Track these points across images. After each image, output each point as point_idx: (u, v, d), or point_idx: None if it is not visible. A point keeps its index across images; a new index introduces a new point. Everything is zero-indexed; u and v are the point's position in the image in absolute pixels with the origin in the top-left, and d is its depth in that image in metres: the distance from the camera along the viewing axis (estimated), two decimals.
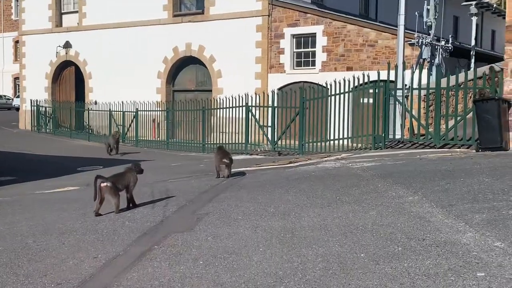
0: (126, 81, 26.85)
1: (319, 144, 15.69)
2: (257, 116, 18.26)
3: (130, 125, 23.39)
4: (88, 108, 26.52)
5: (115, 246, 5.43)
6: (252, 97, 18.09)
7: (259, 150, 17.67)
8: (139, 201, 7.69)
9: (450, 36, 21.19)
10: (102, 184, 6.93)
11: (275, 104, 17.48)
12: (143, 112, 22.78)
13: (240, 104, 18.28)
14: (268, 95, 17.95)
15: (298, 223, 5.59)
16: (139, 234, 5.81)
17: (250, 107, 18.01)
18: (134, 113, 22.92)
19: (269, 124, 17.73)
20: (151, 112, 22.77)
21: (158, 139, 23.60)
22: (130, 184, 7.17)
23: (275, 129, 17.40)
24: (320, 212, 5.99)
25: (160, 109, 22.52)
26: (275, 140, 17.33)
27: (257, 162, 13.40)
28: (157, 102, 23.40)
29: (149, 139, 23.01)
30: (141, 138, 22.86)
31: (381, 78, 14.15)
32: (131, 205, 7.26)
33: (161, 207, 7.18)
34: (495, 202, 5.54)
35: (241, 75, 23.74)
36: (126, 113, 23.44)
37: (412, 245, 4.45)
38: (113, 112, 24.16)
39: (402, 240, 4.62)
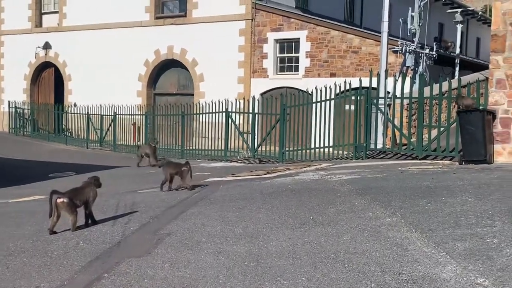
0: (106, 84, 26.24)
1: (300, 152, 15.26)
2: (239, 122, 17.79)
3: (108, 129, 22.79)
4: (66, 111, 25.86)
5: (62, 272, 4.91)
6: (232, 103, 17.61)
7: (238, 158, 17.20)
8: (101, 216, 7.19)
9: (434, 43, 20.91)
10: (58, 200, 6.40)
11: (256, 111, 17.01)
12: (123, 115, 22.20)
13: (220, 110, 17.79)
14: (249, 101, 17.48)
15: (265, 248, 5.12)
16: (91, 258, 5.30)
17: (230, 113, 17.53)
18: (112, 116, 22.32)
19: (250, 130, 17.26)
20: (131, 116, 22.19)
21: (139, 143, 23.03)
22: (89, 200, 6.65)
23: (255, 136, 16.93)
24: (290, 235, 5.53)
25: (139, 113, 21.93)
26: (255, 147, 16.86)
27: (234, 171, 12.92)
28: (137, 105, 22.81)
29: (129, 143, 22.43)
30: (119, 143, 22.28)
31: (363, 86, 13.77)
32: (90, 221, 6.74)
33: (122, 224, 6.67)
34: (478, 227, 5.12)
35: (224, 79, 23.28)
36: (104, 116, 22.84)
37: (386, 280, 4.00)
38: (91, 115, 23.55)
39: (376, 273, 4.17)
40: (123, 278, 4.59)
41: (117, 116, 22.24)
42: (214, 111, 18.02)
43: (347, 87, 14.51)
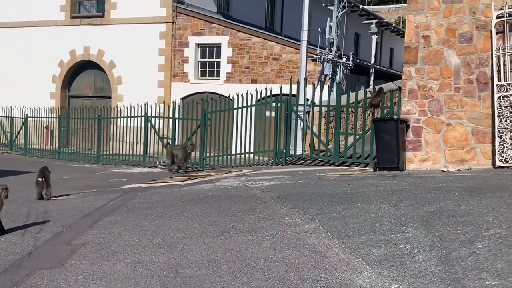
0: (18, 85, 25.01)
1: (221, 158, 15.22)
2: (159, 127, 17.48)
3: (19, 132, 21.70)
4: None
5: None
6: (152, 107, 17.28)
7: (158, 163, 16.89)
8: (10, 225, 6.80)
9: (351, 53, 21.64)
10: None
11: (176, 115, 16.80)
12: (35, 118, 21.22)
13: (139, 114, 17.40)
14: (169, 105, 17.24)
15: (185, 258, 5.03)
16: (0, 270, 4.99)
17: (150, 118, 17.20)
18: (24, 119, 21.28)
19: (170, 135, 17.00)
20: (44, 118, 21.24)
21: (52, 147, 22.11)
22: None
23: (176, 141, 16.72)
24: (211, 244, 5.47)
25: (52, 116, 21.03)
26: None
27: (153, 177, 12.68)
28: (50, 108, 21.89)
29: (41, 147, 21.46)
30: (31, 147, 21.26)
31: (284, 93, 13.97)
32: None
33: (33, 234, 6.34)
34: (392, 234, 5.30)
35: (143, 82, 22.85)
36: (14, 118, 21.74)
37: None
38: (0, 117, 22.34)
39: (295, 281, 4.20)
40: None
41: (28, 118, 21.25)
42: (132, 115, 17.62)
43: (268, 94, 14.67)
